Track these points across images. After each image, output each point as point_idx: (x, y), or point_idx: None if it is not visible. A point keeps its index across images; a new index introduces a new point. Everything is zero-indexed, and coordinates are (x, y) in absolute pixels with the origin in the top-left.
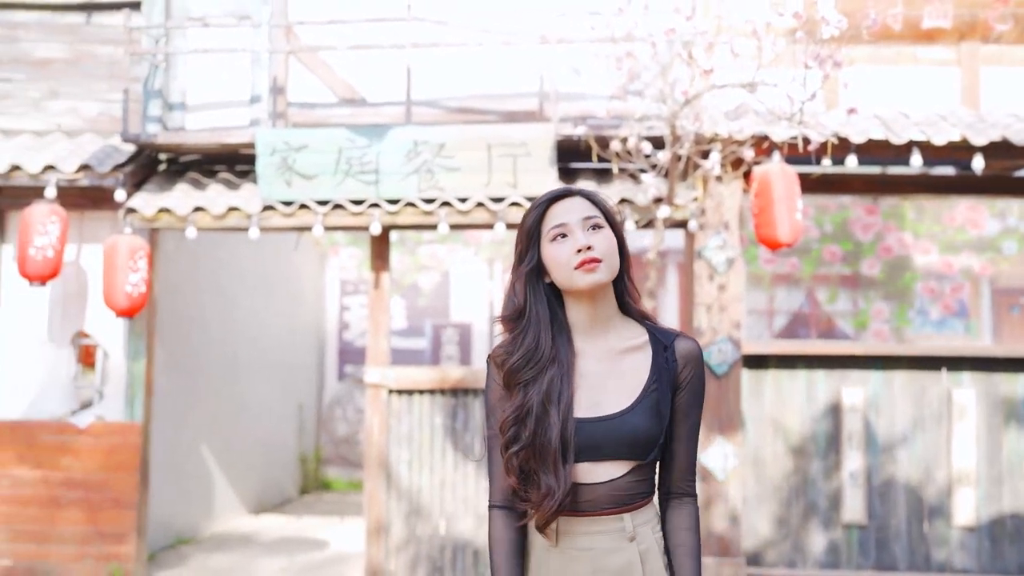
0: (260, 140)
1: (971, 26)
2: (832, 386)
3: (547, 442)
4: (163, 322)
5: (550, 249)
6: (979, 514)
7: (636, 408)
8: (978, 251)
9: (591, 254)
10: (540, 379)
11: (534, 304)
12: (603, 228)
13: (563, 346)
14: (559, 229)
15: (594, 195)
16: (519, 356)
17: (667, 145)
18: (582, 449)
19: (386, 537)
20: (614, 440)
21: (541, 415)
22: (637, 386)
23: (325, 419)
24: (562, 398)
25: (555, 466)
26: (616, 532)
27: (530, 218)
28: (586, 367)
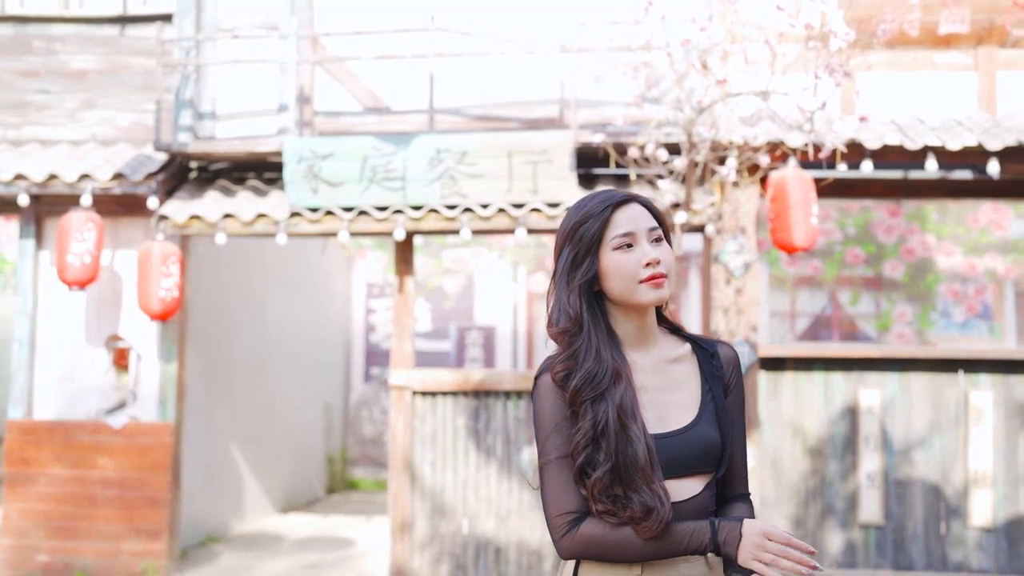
0: (287, 148)
1: (988, 31)
2: (849, 388)
3: (633, 459)
4: (194, 325)
5: (614, 257)
6: (996, 515)
7: (702, 419)
8: (1002, 253)
9: (660, 269)
10: (610, 395)
11: (590, 316)
12: (663, 241)
13: (622, 360)
14: (626, 239)
15: (652, 204)
16: (584, 373)
17: (684, 151)
18: (662, 465)
19: (410, 535)
20: (689, 454)
21: (619, 432)
22: (695, 396)
23: (352, 420)
24: (637, 413)
25: (648, 483)
26: (695, 562)
27: (592, 225)
28: (642, 381)
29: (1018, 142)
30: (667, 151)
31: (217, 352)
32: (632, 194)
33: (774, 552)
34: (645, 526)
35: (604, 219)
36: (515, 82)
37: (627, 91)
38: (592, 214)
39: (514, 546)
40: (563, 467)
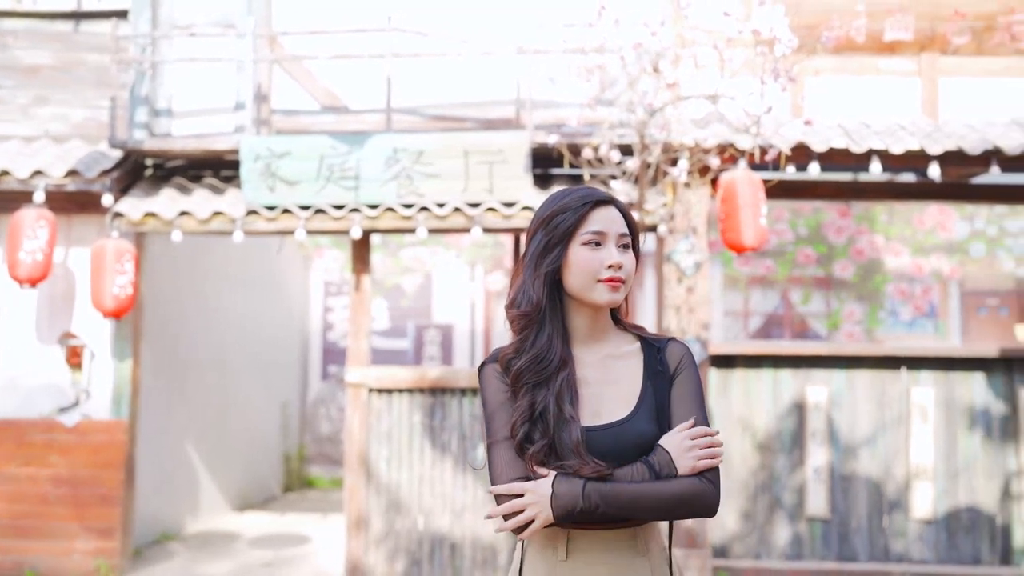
0: (244, 147)
1: (931, 38)
2: (797, 385)
3: (566, 439)
4: (150, 323)
5: (581, 252)
6: (936, 508)
7: (637, 414)
8: (947, 254)
9: (619, 274)
10: (551, 381)
11: (549, 305)
12: (630, 250)
13: (568, 351)
14: (596, 236)
15: (629, 213)
16: (530, 356)
17: (636, 153)
18: (594, 457)
19: (366, 531)
20: (622, 448)
21: (557, 414)
22: (634, 392)
23: (309, 418)
24: (574, 403)
25: (580, 456)
26: (628, 547)
27: (569, 217)
28: (583, 374)
29: (957, 147)
30: (620, 152)
31: (173, 350)
32: (613, 198)
33: (702, 446)
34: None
35: (581, 214)
36: (472, 83)
37: (581, 93)
38: (570, 207)
39: (469, 542)
40: (508, 446)
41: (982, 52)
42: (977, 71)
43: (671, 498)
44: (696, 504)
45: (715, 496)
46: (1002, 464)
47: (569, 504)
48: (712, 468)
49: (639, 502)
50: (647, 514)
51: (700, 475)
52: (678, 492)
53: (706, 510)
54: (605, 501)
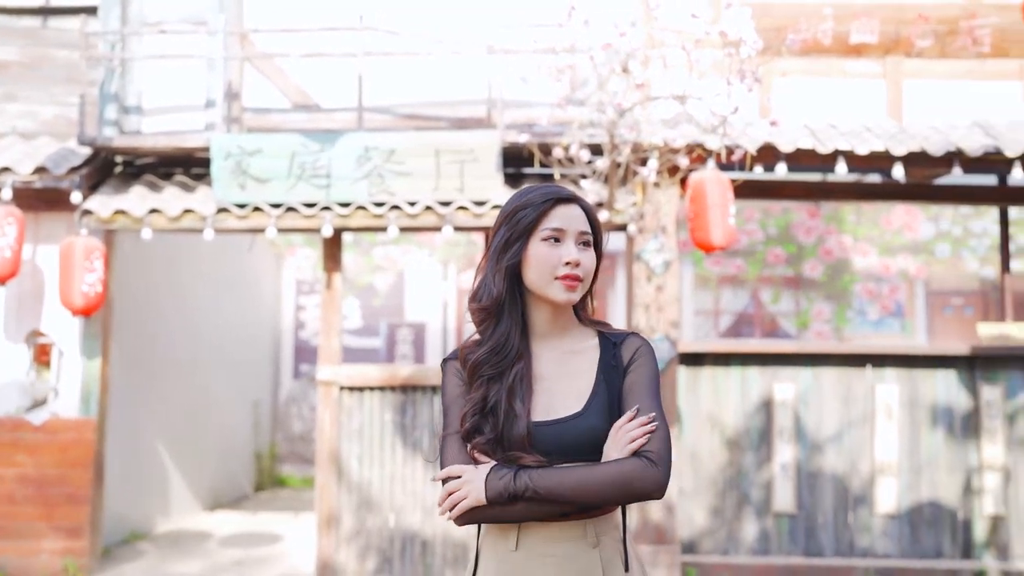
0: (215, 145)
1: (895, 42)
2: (765, 383)
3: (514, 434)
4: (120, 321)
5: (539, 248)
6: (900, 503)
7: (588, 410)
8: (913, 254)
9: (577, 272)
10: (505, 375)
11: (509, 299)
12: (590, 248)
13: (525, 346)
14: (555, 233)
15: (593, 212)
16: (487, 349)
17: (606, 152)
18: (543, 452)
19: (337, 529)
20: (570, 443)
21: (507, 409)
22: (587, 388)
23: (281, 417)
24: (525, 398)
25: (525, 451)
26: (578, 538)
27: (530, 213)
28: (539, 369)
29: (921, 148)
30: (590, 152)
31: (143, 348)
32: (578, 196)
33: (634, 435)
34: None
35: (541, 210)
36: (443, 82)
37: (552, 93)
38: (532, 203)
39: (440, 539)
40: (458, 438)
41: (945, 55)
42: (940, 74)
43: (605, 479)
44: (635, 484)
45: (655, 475)
46: (964, 460)
47: (499, 486)
48: (652, 448)
49: (572, 484)
50: (583, 498)
51: (640, 455)
52: (613, 472)
53: (646, 491)
54: (535, 483)
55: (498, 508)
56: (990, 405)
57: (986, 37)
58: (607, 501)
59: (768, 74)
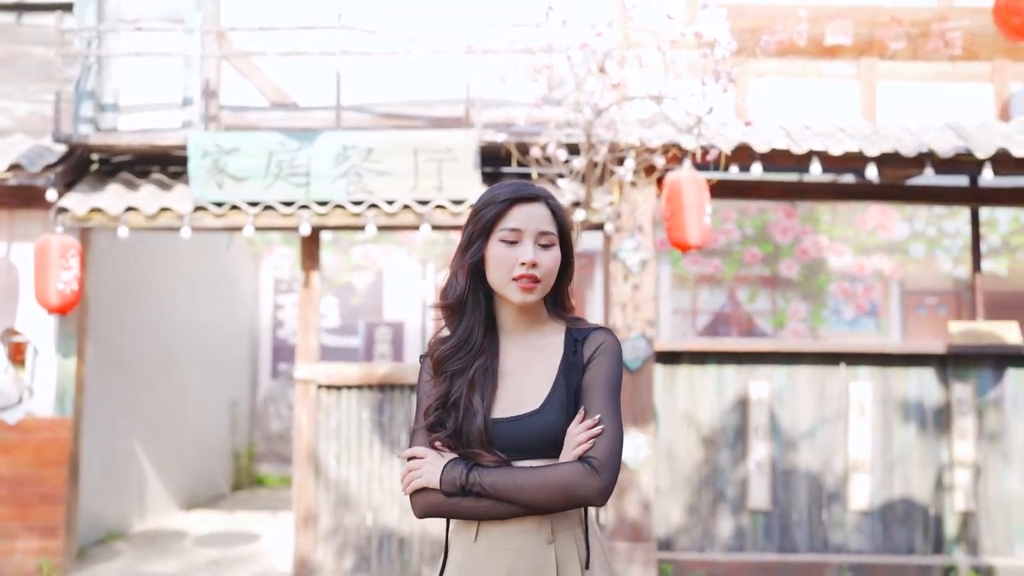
0: (192, 143)
1: (869, 43)
2: (741, 381)
3: (472, 429)
4: (96, 319)
5: (497, 249)
6: (872, 499)
7: (547, 405)
8: (888, 254)
9: (534, 272)
10: (468, 370)
11: (473, 295)
12: (553, 247)
13: (492, 342)
14: (512, 234)
15: (557, 207)
16: (451, 344)
17: (583, 152)
18: (501, 448)
19: (314, 528)
20: (529, 438)
21: (467, 405)
22: (547, 384)
23: (259, 416)
24: (485, 392)
25: (483, 446)
26: (534, 533)
27: (488, 212)
28: (505, 366)
29: (894, 149)
30: (567, 151)
31: (120, 347)
32: (541, 195)
33: (579, 439)
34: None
35: (500, 210)
36: (421, 81)
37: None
38: (493, 202)
39: (417, 537)
40: (425, 432)
41: (917, 58)
42: (913, 76)
43: (546, 483)
44: (573, 490)
45: (595, 482)
46: (935, 456)
47: (451, 478)
48: (595, 454)
49: (516, 485)
50: (525, 499)
51: (584, 462)
52: (554, 477)
53: (585, 498)
54: (483, 480)
55: (453, 501)
56: (961, 402)
57: (957, 40)
58: (548, 504)
59: (744, 75)
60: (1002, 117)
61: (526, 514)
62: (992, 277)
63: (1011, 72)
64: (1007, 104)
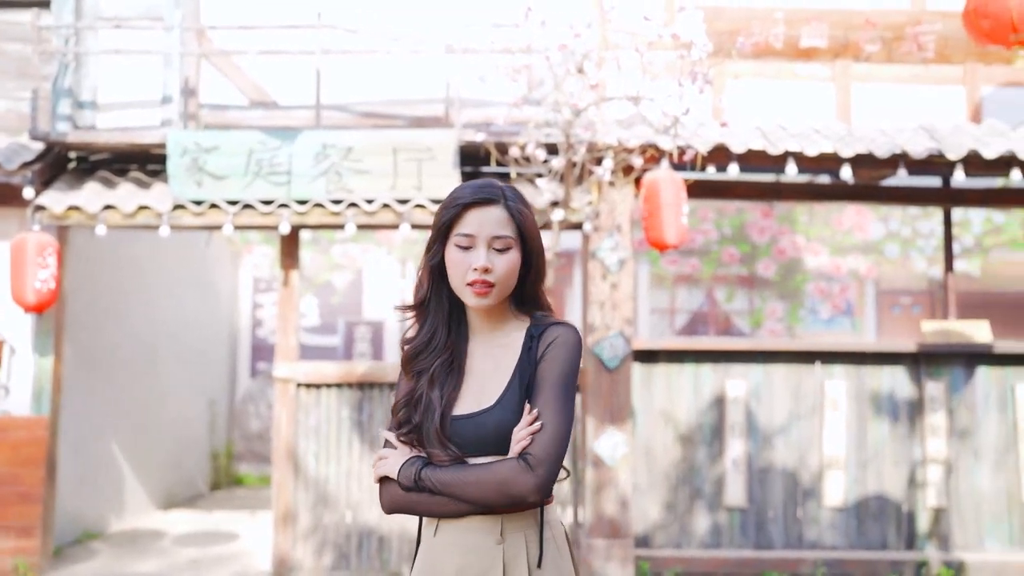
0: (171, 141)
1: (844, 46)
2: (717, 379)
3: (429, 426)
4: (73, 318)
5: (452, 253)
6: (847, 496)
7: (500, 403)
8: (864, 254)
9: (486, 277)
10: (432, 369)
11: (436, 296)
12: (509, 250)
13: (461, 341)
14: (466, 240)
15: (516, 209)
16: (414, 344)
17: (562, 152)
18: (459, 445)
19: (294, 526)
20: (484, 435)
21: (428, 403)
22: (505, 381)
23: (238, 415)
24: (446, 389)
25: (441, 446)
26: (485, 532)
27: (444, 216)
28: (471, 364)
29: (868, 150)
30: (546, 151)
31: (98, 346)
32: (498, 197)
33: (519, 436)
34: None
35: (454, 214)
36: (401, 81)
37: (509, 92)
38: (450, 205)
39: (396, 535)
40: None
41: (891, 60)
42: (887, 78)
43: (484, 480)
44: (509, 487)
45: (529, 478)
46: (908, 453)
47: (407, 472)
48: (532, 450)
49: (460, 482)
50: (468, 496)
51: (521, 458)
52: (491, 474)
53: (520, 495)
54: (433, 477)
55: (412, 496)
56: (933, 400)
57: (930, 43)
58: (489, 501)
59: (721, 76)
60: (974, 119)
61: (478, 512)
62: (965, 277)
63: (982, 75)
64: (979, 106)
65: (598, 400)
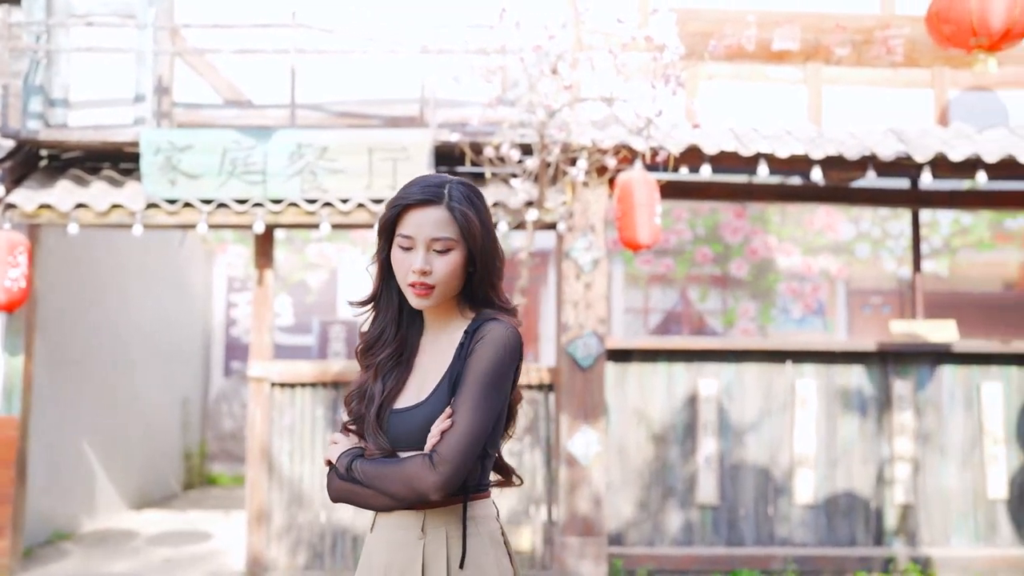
0: (144, 140)
1: (815, 49)
2: (690, 378)
3: (369, 419)
4: (45, 317)
5: (395, 253)
6: (817, 493)
7: (429, 399)
8: (835, 254)
9: (424, 280)
10: (379, 362)
11: (386, 293)
12: (450, 251)
13: (414, 335)
14: (406, 241)
15: (458, 208)
16: (366, 339)
17: (536, 152)
18: (394, 439)
19: (267, 525)
20: (413, 430)
21: (370, 396)
22: (439, 377)
23: (211, 414)
24: (388, 383)
25: (374, 438)
26: (408, 528)
27: (388, 215)
28: (419, 360)
29: (838, 152)
30: (521, 151)
31: (69, 345)
32: (439, 197)
33: (433, 432)
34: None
35: (394, 215)
36: (376, 80)
37: (484, 93)
38: (391, 205)
39: None
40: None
41: (861, 63)
42: (857, 81)
43: (394, 475)
44: (415, 484)
45: (431, 476)
46: (876, 451)
47: (343, 462)
48: (438, 448)
49: (376, 475)
50: (383, 490)
51: (428, 457)
52: (399, 470)
53: (423, 491)
54: (359, 468)
55: (347, 487)
56: (901, 399)
57: (899, 47)
58: (399, 496)
59: (694, 78)
60: (941, 122)
61: (404, 506)
62: (933, 277)
63: (950, 79)
64: (946, 109)
65: (572, 399)
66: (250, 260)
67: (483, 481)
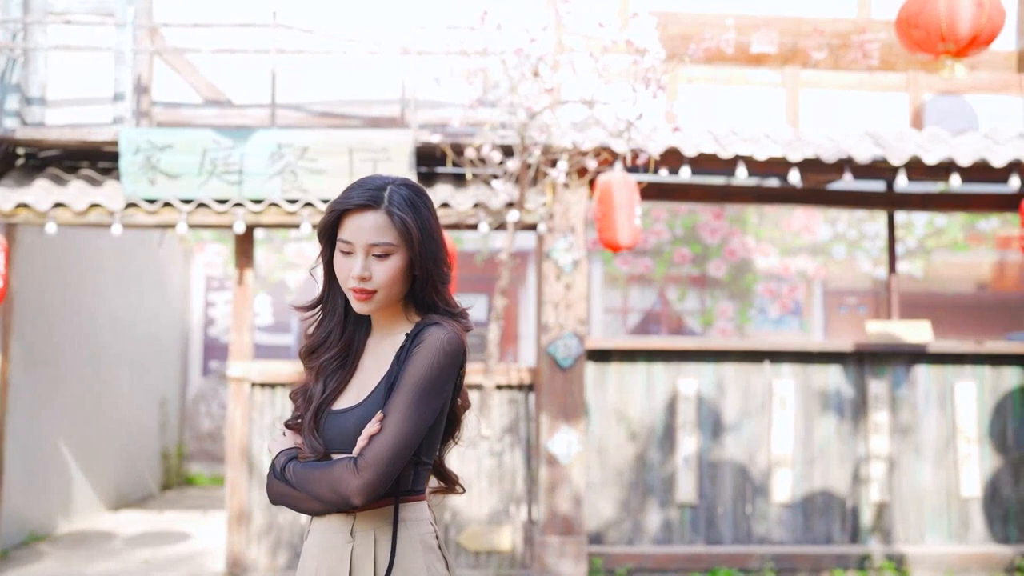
0: (124, 139)
1: (793, 52)
2: (669, 378)
3: (305, 421)
4: (21, 317)
5: (337, 258)
6: (794, 492)
7: (366, 402)
8: (812, 255)
9: (363, 286)
10: (322, 363)
11: (331, 297)
12: (390, 256)
13: (361, 337)
14: (346, 246)
15: (397, 214)
16: (310, 341)
17: (517, 154)
18: (329, 440)
19: (247, 526)
20: (344, 434)
21: (309, 397)
22: (376, 381)
23: (189, 415)
24: (330, 384)
25: (308, 439)
26: (339, 531)
27: (328, 219)
28: (363, 363)
29: (815, 155)
30: (502, 153)
31: (46, 345)
32: (378, 201)
33: (362, 436)
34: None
35: (334, 219)
36: (357, 81)
37: (464, 94)
38: (331, 209)
39: None
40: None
41: (838, 67)
42: (834, 84)
43: (319, 478)
44: (339, 488)
45: (354, 482)
46: (852, 450)
47: (277, 460)
48: (364, 453)
49: (304, 478)
50: (311, 493)
51: (353, 461)
52: (326, 473)
53: (346, 495)
54: (291, 470)
55: (280, 488)
56: (877, 398)
57: (875, 51)
58: (325, 500)
59: (673, 81)
60: (915, 125)
61: (333, 510)
62: (908, 278)
63: (924, 83)
64: (920, 113)
65: (552, 399)
66: (228, 259)
67: (416, 487)
